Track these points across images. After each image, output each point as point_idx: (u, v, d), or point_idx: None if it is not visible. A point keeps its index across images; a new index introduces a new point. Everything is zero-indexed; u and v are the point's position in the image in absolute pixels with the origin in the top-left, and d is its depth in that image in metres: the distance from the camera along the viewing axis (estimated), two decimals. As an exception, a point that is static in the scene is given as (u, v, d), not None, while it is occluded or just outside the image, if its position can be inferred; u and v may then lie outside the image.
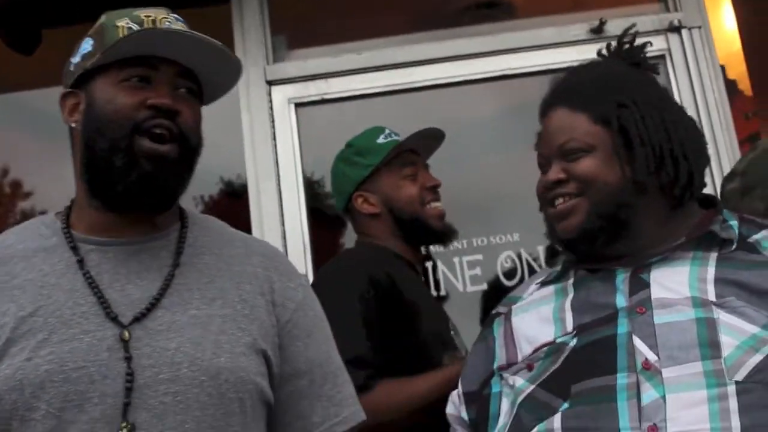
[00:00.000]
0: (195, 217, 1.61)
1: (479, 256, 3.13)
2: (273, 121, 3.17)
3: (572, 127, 1.63)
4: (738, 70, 4.31)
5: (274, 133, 3.16)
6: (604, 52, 1.78)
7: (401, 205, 2.31)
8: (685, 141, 1.62)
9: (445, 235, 2.39)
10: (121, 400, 1.34)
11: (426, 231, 2.33)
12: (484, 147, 3.23)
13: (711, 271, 1.51)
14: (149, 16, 1.50)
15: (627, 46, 1.75)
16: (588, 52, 3.04)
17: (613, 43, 1.76)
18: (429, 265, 3.10)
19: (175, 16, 1.53)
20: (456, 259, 3.12)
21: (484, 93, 3.23)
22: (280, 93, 3.19)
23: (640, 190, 1.59)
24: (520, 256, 3.11)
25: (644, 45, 1.75)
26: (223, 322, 1.45)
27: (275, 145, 3.15)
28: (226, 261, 1.55)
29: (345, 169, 2.40)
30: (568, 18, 3.28)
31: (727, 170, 2.99)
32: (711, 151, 3.01)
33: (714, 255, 1.55)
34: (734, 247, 1.54)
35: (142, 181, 1.43)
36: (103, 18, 1.54)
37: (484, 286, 3.11)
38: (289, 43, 3.30)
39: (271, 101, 3.17)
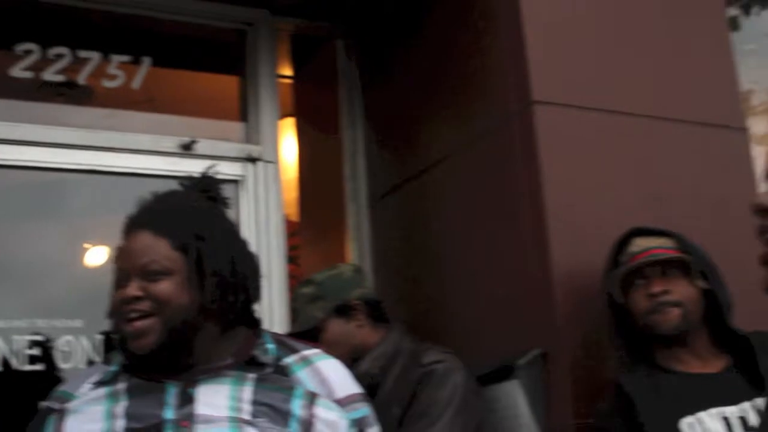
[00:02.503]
0: None
1: (39, 337, 3.21)
2: None
3: (154, 251, 1.78)
4: (288, 195, 4.89)
5: None
6: (187, 183, 1.97)
7: None
8: (246, 274, 1.88)
9: None
10: None
11: None
12: (72, 237, 3.37)
13: (248, 391, 1.74)
14: None
15: (207, 182, 1.96)
16: (176, 165, 3.40)
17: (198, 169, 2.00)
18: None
19: None
20: (17, 337, 3.18)
21: (79, 184, 3.37)
22: None
23: (204, 311, 1.79)
24: (79, 341, 3.25)
25: (219, 182, 1.98)
26: None
27: None
28: None
29: None
30: (162, 128, 3.53)
31: (277, 285, 3.47)
32: (265, 268, 3.51)
33: (253, 376, 1.78)
34: (269, 369, 1.80)
35: None
36: None
37: (42, 367, 3.18)
38: None
39: None
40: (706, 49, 3.33)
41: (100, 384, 1.82)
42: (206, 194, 1.96)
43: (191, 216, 1.85)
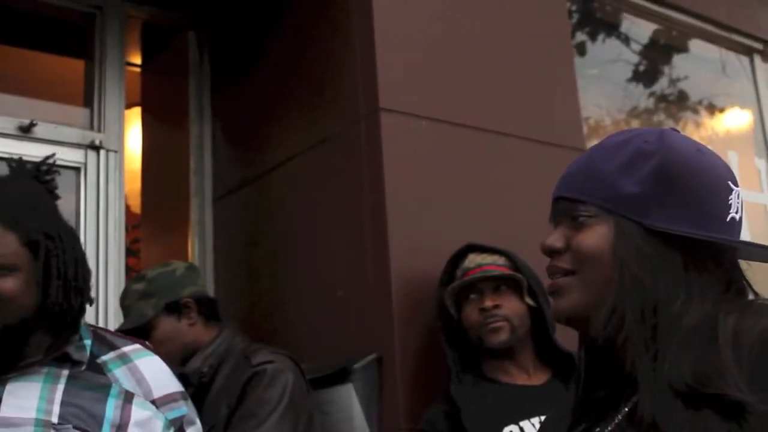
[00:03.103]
0: None
1: None
2: None
3: (2, 244, 1.70)
4: (131, 186, 4.77)
5: None
6: (23, 169, 1.87)
7: None
8: (87, 278, 1.82)
9: None
10: None
11: None
12: None
13: (60, 391, 1.69)
14: None
15: (46, 172, 1.88)
16: (14, 147, 3.26)
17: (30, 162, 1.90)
18: None
19: None
20: None
21: None
22: None
23: (43, 313, 1.73)
24: None
25: (54, 173, 1.90)
26: None
27: None
28: None
29: None
30: (1, 108, 3.37)
31: (114, 277, 3.38)
32: (102, 259, 3.42)
33: (66, 373, 1.72)
34: (84, 367, 1.75)
35: None
36: None
37: None
38: None
39: None
40: (551, 71, 3.45)
41: None
42: (45, 185, 1.88)
43: (39, 211, 1.78)
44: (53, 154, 1.97)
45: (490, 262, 2.61)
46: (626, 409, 1.15)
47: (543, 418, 2.43)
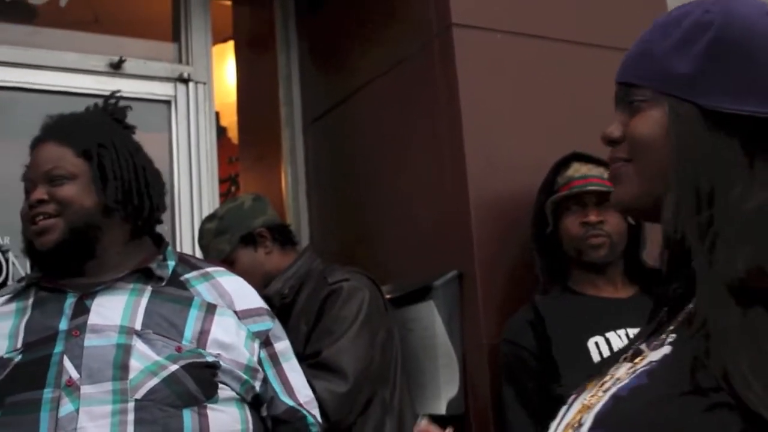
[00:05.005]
0: None
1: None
2: None
3: (58, 158, 1.87)
4: (230, 119, 4.87)
5: None
6: (92, 107, 2.06)
7: None
8: (150, 183, 1.95)
9: None
10: None
11: None
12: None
13: (144, 302, 1.80)
14: None
15: (113, 106, 2.05)
16: (105, 83, 3.36)
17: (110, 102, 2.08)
18: None
19: None
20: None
21: (4, 101, 3.28)
22: None
23: (108, 214, 1.87)
24: (7, 259, 3.26)
25: (125, 108, 2.06)
26: None
27: None
28: None
29: None
30: (90, 46, 3.49)
31: (207, 207, 3.47)
32: (195, 189, 3.52)
33: (149, 288, 1.84)
34: (164, 283, 1.86)
35: None
36: None
37: None
38: None
39: None
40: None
41: (11, 300, 1.87)
42: (113, 116, 2.04)
43: (93, 127, 1.95)
44: (118, 90, 2.13)
45: (597, 174, 2.54)
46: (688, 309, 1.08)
47: (629, 330, 2.42)
